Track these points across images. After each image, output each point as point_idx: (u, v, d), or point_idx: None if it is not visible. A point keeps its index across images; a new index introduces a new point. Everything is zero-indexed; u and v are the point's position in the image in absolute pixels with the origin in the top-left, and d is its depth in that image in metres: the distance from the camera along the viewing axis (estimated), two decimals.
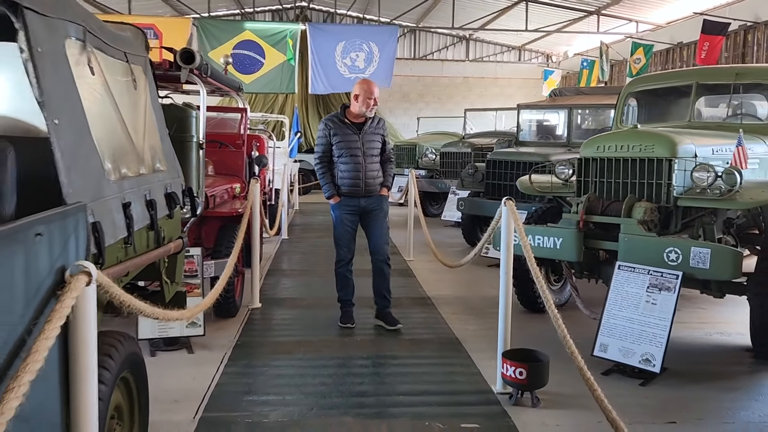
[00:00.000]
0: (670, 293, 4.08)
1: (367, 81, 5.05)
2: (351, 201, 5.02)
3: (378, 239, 5.11)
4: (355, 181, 4.97)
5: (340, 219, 5.07)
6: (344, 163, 4.97)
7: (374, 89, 4.95)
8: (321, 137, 5.08)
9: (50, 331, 1.51)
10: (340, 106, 5.19)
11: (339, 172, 5.01)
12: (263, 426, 3.38)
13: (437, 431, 3.34)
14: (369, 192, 5.03)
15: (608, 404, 2.92)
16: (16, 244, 1.49)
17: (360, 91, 4.92)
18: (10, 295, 1.47)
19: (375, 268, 5.15)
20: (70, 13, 2.05)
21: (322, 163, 5.07)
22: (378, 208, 5.10)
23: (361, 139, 4.97)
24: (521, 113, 9.96)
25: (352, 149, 4.95)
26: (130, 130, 2.54)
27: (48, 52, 1.89)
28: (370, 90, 4.92)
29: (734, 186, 4.25)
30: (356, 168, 4.95)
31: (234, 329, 5.06)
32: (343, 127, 4.99)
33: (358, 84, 5.01)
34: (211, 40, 13.80)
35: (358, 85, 4.99)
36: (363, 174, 4.96)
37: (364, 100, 4.91)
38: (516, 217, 3.78)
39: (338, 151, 4.98)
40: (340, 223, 5.08)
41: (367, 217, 5.10)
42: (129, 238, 2.31)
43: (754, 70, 5.96)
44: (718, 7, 11.75)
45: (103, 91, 2.31)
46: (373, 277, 5.18)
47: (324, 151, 5.05)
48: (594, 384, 2.99)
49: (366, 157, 4.99)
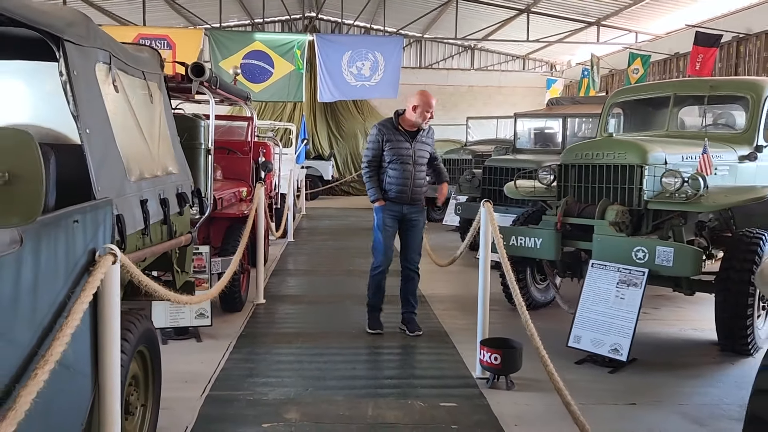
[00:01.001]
0: (637, 288, 4.44)
1: (427, 93, 5.05)
2: (395, 207, 5.06)
3: (413, 249, 5.19)
4: (402, 188, 4.99)
5: (382, 222, 5.08)
6: (394, 170, 4.98)
7: (433, 101, 4.99)
8: (373, 141, 5.07)
9: (85, 297, 1.91)
10: (394, 112, 5.22)
11: (387, 177, 5.02)
12: (263, 403, 3.78)
13: (418, 408, 3.72)
14: (414, 200, 5.08)
15: (563, 386, 3.27)
16: (59, 228, 1.90)
17: (419, 102, 4.94)
18: (55, 267, 1.88)
19: (404, 275, 5.23)
20: (99, 42, 2.47)
21: (371, 167, 5.07)
22: (418, 218, 5.16)
23: (413, 148, 5.01)
24: (518, 122, 10.33)
25: (403, 156, 4.97)
26: (147, 137, 2.96)
27: (82, 75, 2.31)
28: (429, 102, 4.95)
29: (699, 190, 4.60)
30: (405, 175, 4.98)
31: (239, 322, 5.47)
32: (396, 133, 5.01)
33: (418, 95, 5.01)
34: (222, 50, 14.30)
35: (417, 96, 5.00)
36: (411, 182, 5.00)
37: (422, 112, 4.94)
38: (492, 218, 4.16)
39: (389, 157, 4.99)
40: (382, 227, 5.09)
41: (406, 225, 5.16)
42: (146, 229, 2.73)
43: (727, 82, 6.30)
44: (711, 19, 12.08)
45: (125, 105, 2.73)
46: (401, 282, 5.27)
47: (374, 156, 5.05)
48: (552, 370, 3.34)
49: (415, 165, 5.01)
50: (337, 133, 20.04)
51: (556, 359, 3.54)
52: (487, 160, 9.27)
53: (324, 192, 17.59)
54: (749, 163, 5.50)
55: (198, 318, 4.95)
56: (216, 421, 3.52)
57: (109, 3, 15.86)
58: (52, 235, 1.85)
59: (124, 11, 16.15)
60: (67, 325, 1.80)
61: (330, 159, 18.53)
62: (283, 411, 3.66)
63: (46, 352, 1.70)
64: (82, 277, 2.04)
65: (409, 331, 5.15)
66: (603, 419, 3.58)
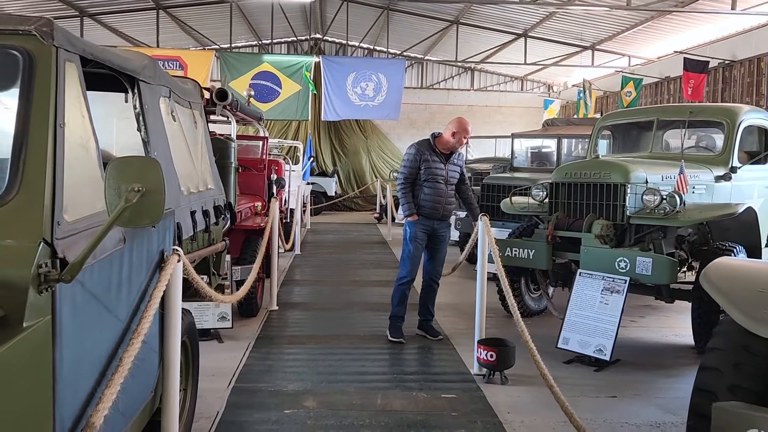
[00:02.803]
0: (620, 295, 4.92)
1: (464, 121, 5.47)
2: (427, 222, 5.45)
3: (438, 261, 5.62)
4: (435, 204, 5.40)
5: (414, 236, 5.45)
6: (429, 187, 5.39)
7: (469, 129, 5.47)
8: (411, 160, 5.44)
9: (161, 286, 2.40)
10: (431, 134, 5.62)
11: (422, 194, 5.41)
12: (283, 393, 4.24)
13: (422, 399, 4.19)
14: (444, 216, 5.52)
15: (551, 379, 3.73)
16: (144, 232, 2.39)
17: (458, 129, 5.38)
18: (140, 262, 2.37)
19: (426, 285, 5.65)
20: (162, 80, 2.99)
21: (407, 183, 5.45)
22: (444, 234, 5.60)
23: (446, 168, 5.45)
24: (515, 141, 10.86)
25: (437, 176, 5.39)
26: (193, 157, 3.47)
27: (150, 107, 2.82)
28: (466, 129, 5.42)
29: (676, 207, 5.10)
30: (439, 193, 5.39)
31: (256, 325, 5.94)
32: (433, 154, 5.42)
33: (457, 121, 5.44)
34: (232, 71, 14.90)
35: (456, 123, 5.43)
36: (444, 200, 5.42)
37: (460, 138, 5.40)
38: (489, 230, 4.66)
39: (425, 176, 5.38)
40: (414, 240, 5.46)
41: (435, 240, 5.55)
42: (194, 236, 3.22)
43: (705, 108, 6.83)
44: (698, 45, 12.70)
45: (179, 131, 3.24)
46: (421, 291, 5.70)
47: (410, 173, 5.43)
48: (542, 365, 3.81)
49: (447, 185, 5.45)
50: (340, 150, 20.63)
51: (546, 359, 4.01)
52: (486, 177, 9.77)
53: (327, 207, 18.09)
54: (725, 183, 6.00)
55: (220, 321, 5.40)
56: (243, 408, 3.99)
57: (124, 25, 16.50)
58: (139, 238, 2.34)
59: (138, 33, 16.78)
60: (150, 308, 2.29)
61: (333, 176, 19.08)
62: (302, 400, 4.12)
63: (138, 326, 2.19)
64: (155, 272, 2.53)
65: (431, 336, 5.58)
66: (586, 409, 4.04)
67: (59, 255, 1.66)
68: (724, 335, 2.55)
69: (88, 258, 1.68)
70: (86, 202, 1.93)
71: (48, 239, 1.64)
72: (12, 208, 1.62)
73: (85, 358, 1.88)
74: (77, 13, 15.11)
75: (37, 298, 1.58)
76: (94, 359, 1.97)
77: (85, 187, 1.94)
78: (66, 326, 1.72)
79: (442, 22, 16.99)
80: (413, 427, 3.75)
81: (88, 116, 2.04)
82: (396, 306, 5.55)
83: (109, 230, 1.71)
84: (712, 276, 2.60)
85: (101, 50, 2.34)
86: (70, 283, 1.68)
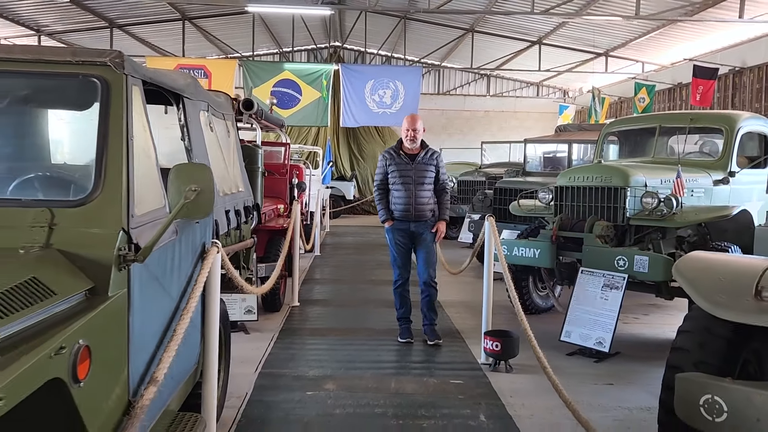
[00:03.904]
0: (619, 291, 5.26)
1: (410, 116, 5.57)
2: (402, 225, 5.52)
3: (426, 262, 5.56)
4: (406, 206, 5.43)
5: (393, 241, 5.60)
6: (397, 190, 5.47)
7: (416, 123, 5.47)
8: (379, 167, 5.62)
9: (204, 272, 2.83)
10: (398, 140, 5.70)
11: (393, 198, 5.50)
12: (305, 377, 4.66)
13: (432, 384, 4.58)
14: (419, 217, 5.47)
15: (547, 364, 4.08)
16: (190, 226, 2.83)
17: (403, 126, 5.54)
18: (187, 252, 2.80)
19: (421, 289, 5.60)
20: (201, 96, 3.43)
21: (380, 190, 5.58)
22: (425, 235, 5.55)
23: (414, 169, 5.45)
24: (528, 146, 11.20)
25: (404, 177, 5.44)
26: (227, 163, 3.91)
27: (192, 120, 3.26)
28: (408, 123, 5.49)
29: (672, 209, 5.43)
30: (407, 195, 5.42)
31: (279, 319, 6.37)
32: (397, 157, 5.50)
33: (404, 120, 5.59)
34: (254, 79, 15.45)
35: (404, 120, 5.58)
36: (413, 200, 5.42)
37: (404, 132, 5.51)
38: (494, 230, 5.04)
39: (392, 179, 5.49)
40: (394, 245, 5.60)
41: (417, 241, 5.60)
42: (228, 232, 3.66)
43: (705, 116, 7.14)
44: (709, 53, 12.94)
45: (215, 140, 3.68)
46: (420, 295, 5.62)
47: (381, 180, 5.57)
48: (540, 352, 4.16)
49: (416, 185, 5.43)
50: (358, 155, 21.12)
51: (550, 351, 4.39)
52: (498, 181, 10.12)
53: (346, 211, 18.55)
54: (723, 186, 6.31)
55: (246, 314, 5.84)
56: (269, 389, 4.41)
57: (151, 35, 17.15)
58: (186, 231, 2.78)
59: (164, 42, 17.43)
60: (195, 290, 2.72)
61: (352, 180, 19.55)
62: (322, 383, 4.54)
63: (187, 304, 2.61)
64: (198, 261, 2.96)
65: (429, 340, 5.60)
66: (583, 394, 4.39)
67: (133, 241, 2.09)
68: (692, 320, 2.92)
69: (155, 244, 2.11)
70: (149, 200, 2.36)
71: (125, 228, 2.07)
72: (97, 204, 2.06)
73: (148, 326, 2.31)
74: (107, 24, 15.80)
75: (117, 275, 2.01)
76: (154, 328, 2.40)
77: (148, 188, 2.38)
78: (136, 298, 2.15)
79: (458, 30, 17.39)
80: (423, 407, 4.13)
81: (148, 129, 2.47)
82: (398, 309, 5.70)
83: (172, 222, 2.14)
84: (682, 268, 2.96)
85: (155, 73, 2.78)
86: (141, 264, 2.11)
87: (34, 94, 2.45)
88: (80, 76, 2.22)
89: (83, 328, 1.71)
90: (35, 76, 2.24)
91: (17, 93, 2.40)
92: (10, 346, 1.47)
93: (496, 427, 3.89)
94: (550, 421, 4.00)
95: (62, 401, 1.64)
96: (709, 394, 2.44)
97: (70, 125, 2.63)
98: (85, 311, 1.81)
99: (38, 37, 15.75)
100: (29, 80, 2.30)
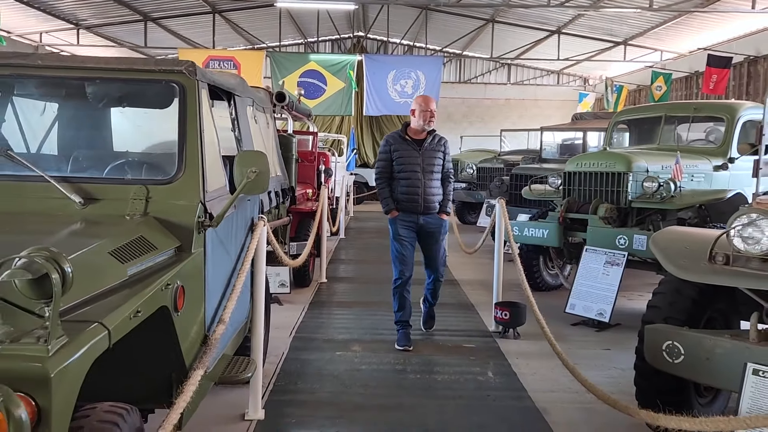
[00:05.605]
0: (619, 267, 5.76)
1: (424, 96, 5.05)
2: (409, 217, 4.99)
3: (434, 260, 5.17)
4: (413, 197, 4.93)
5: (396, 234, 5.02)
6: (404, 179, 4.95)
7: (430, 103, 4.95)
8: (382, 152, 5.08)
9: (254, 239, 3.43)
10: (403, 123, 5.21)
11: (399, 187, 4.98)
12: (334, 341, 5.27)
13: (447, 347, 5.16)
14: (428, 209, 4.98)
15: (549, 332, 4.59)
16: (243, 203, 3.42)
17: (416, 106, 4.95)
18: (241, 223, 3.41)
19: (426, 283, 5.37)
20: (249, 93, 4.03)
21: (382, 178, 5.05)
22: (436, 228, 5.07)
23: (421, 156, 4.96)
24: (544, 134, 11.64)
25: (411, 165, 4.94)
26: (267, 151, 4.50)
27: (242, 113, 3.85)
28: (425, 103, 4.94)
29: (671, 192, 5.90)
30: (415, 184, 4.92)
31: (309, 294, 7.00)
32: (403, 143, 4.98)
33: (415, 100, 5.04)
34: (281, 69, 16.07)
35: (415, 101, 5.02)
36: (422, 190, 4.92)
37: (421, 113, 4.92)
38: (504, 212, 5.57)
39: (398, 167, 4.97)
40: (397, 238, 5.02)
41: (425, 236, 5.09)
42: (270, 210, 4.26)
43: (708, 105, 7.53)
44: (724, 42, 13.17)
45: (259, 130, 4.27)
46: (425, 288, 5.44)
47: (384, 167, 5.03)
48: (541, 318, 4.67)
49: (425, 173, 4.94)
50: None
51: (556, 322, 4.90)
52: (514, 168, 10.61)
53: (368, 197, 19.14)
54: (723, 172, 6.73)
55: (280, 287, 6.48)
56: (302, 350, 5.03)
57: (182, 28, 17.85)
58: (241, 206, 3.38)
59: (195, 35, 18.12)
60: (248, 254, 3.32)
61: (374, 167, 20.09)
62: (350, 345, 5.14)
63: (243, 265, 3.22)
64: (249, 232, 3.57)
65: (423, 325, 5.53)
66: (582, 357, 4.91)
67: (208, 211, 2.69)
68: (665, 283, 3.45)
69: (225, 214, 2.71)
70: (215, 180, 2.96)
71: (202, 201, 2.67)
72: (181, 182, 2.66)
73: (217, 279, 2.92)
74: (141, 17, 16.52)
75: (197, 237, 2.61)
76: (220, 281, 3.01)
77: (214, 170, 2.97)
78: (209, 256, 2.75)
79: (479, 21, 17.77)
80: (438, 365, 4.72)
81: (213, 124, 3.07)
82: (396, 312, 5.16)
83: (238, 197, 2.74)
84: (657, 240, 3.48)
85: (214, 76, 3.38)
86: (213, 229, 2.71)
87: (126, 96, 3.06)
88: (163, 81, 2.81)
89: (179, 273, 2.31)
90: (128, 81, 2.85)
91: (113, 95, 3.01)
92: (137, 280, 2.08)
93: (502, 381, 4.46)
94: (550, 378, 4.55)
95: (166, 325, 2.25)
96: (670, 340, 2.97)
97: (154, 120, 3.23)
98: (177, 262, 2.42)
99: (77, 30, 16.55)
100: (122, 85, 2.91)
